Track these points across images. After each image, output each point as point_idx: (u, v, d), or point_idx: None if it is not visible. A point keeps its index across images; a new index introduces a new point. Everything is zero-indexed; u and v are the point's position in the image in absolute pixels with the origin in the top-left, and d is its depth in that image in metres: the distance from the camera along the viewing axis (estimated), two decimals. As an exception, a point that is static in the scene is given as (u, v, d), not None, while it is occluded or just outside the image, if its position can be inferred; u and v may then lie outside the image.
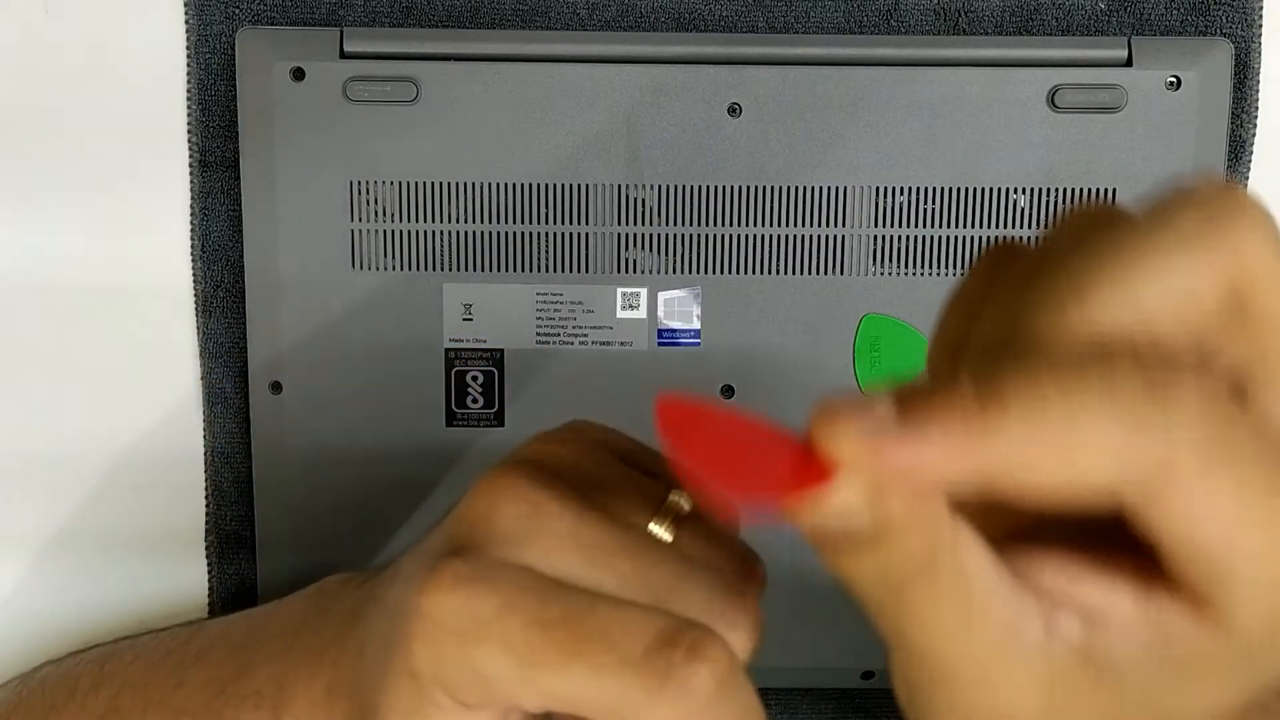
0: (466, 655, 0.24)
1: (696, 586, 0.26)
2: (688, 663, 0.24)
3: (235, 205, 0.43)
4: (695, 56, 0.41)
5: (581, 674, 0.23)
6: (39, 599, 0.46)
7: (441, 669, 0.25)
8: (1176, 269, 0.20)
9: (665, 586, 0.26)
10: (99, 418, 0.45)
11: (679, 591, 0.26)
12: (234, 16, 0.42)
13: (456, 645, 0.24)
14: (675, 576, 0.26)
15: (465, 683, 0.25)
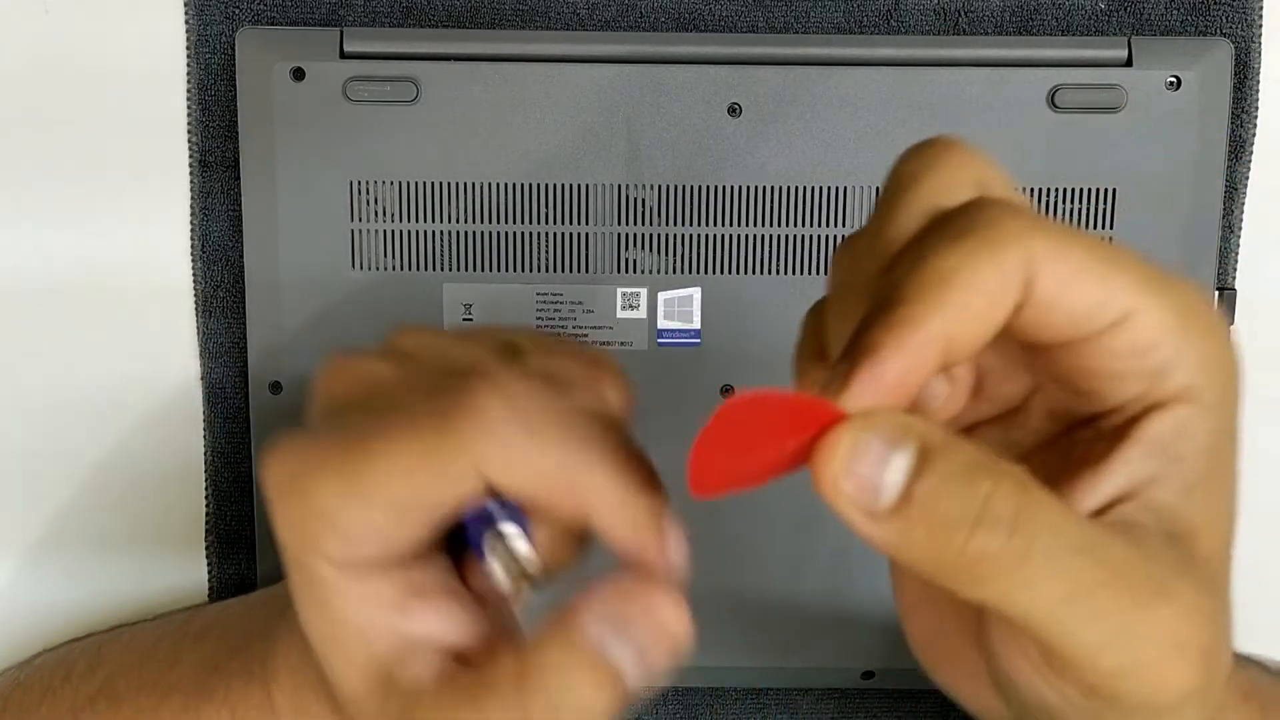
0: (306, 499, 0.25)
1: (518, 369, 0.27)
2: (466, 387, 0.24)
3: (235, 205, 0.43)
4: (695, 56, 0.41)
5: (387, 448, 0.24)
6: (39, 598, 0.46)
7: (299, 530, 0.25)
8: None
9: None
10: (99, 418, 0.45)
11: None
12: (234, 16, 0.42)
13: (295, 496, 0.25)
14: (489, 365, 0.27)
15: (321, 528, 0.25)
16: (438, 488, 0.24)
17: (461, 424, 0.24)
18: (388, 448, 0.24)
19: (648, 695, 0.26)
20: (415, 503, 0.25)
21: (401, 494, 0.24)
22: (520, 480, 0.24)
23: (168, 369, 0.44)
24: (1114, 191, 0.42)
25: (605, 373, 0.29)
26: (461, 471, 0.24)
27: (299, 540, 0.25)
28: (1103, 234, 0.42)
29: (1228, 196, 0.43)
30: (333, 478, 0.24)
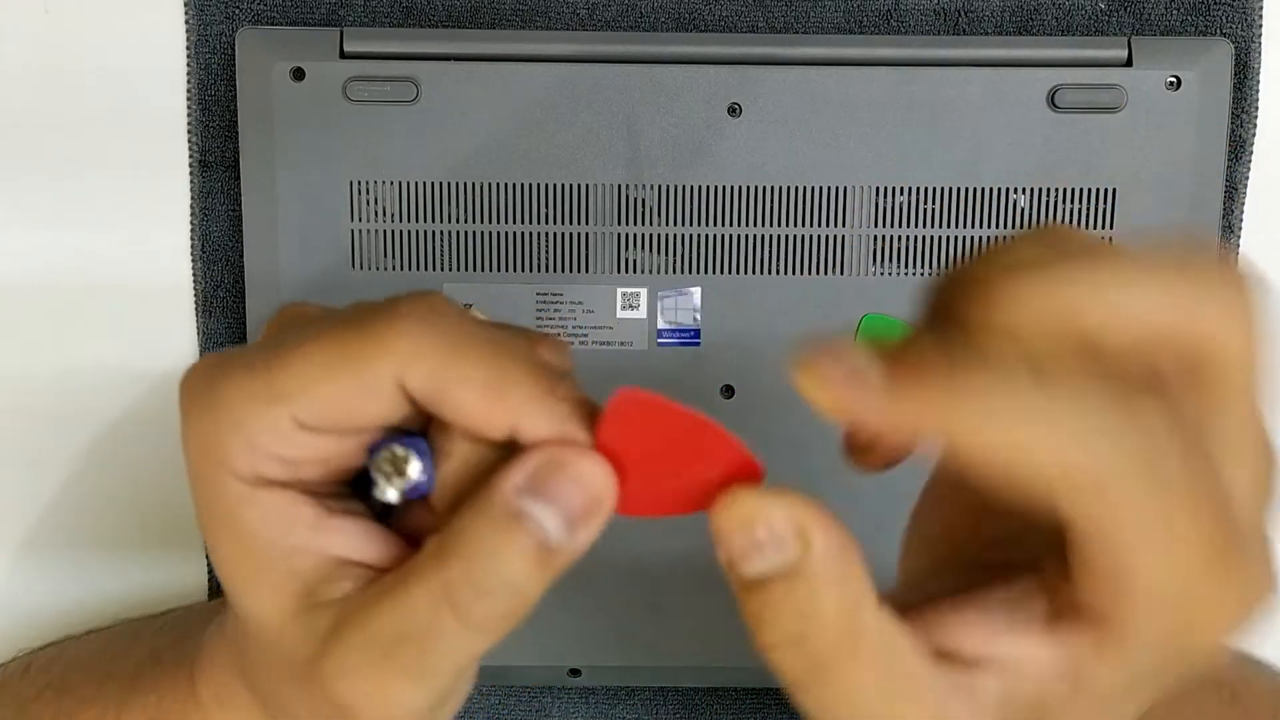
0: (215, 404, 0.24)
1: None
2: (392, 303, 0.24)
3: (235, 205, 0.43)
4: (695, 56, 0.41)
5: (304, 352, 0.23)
6: (39, 598, 0.46)
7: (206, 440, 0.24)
8: (1144, 298, 0.21)
9: None
10: (99, 417, 0.45)
11: None
12: (234, 16, 0.42)
13: (205, 402, 0.24)
14: None
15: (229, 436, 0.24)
16: (353, 396, 0.23)
17: (382, 329, 0.23)
18: (304, 351, 0.23)
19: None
20: (330, 411, 0.24)
21: (316, 400, 0.23)
22: (440, 387, 0.23)
23: (168, 369, 0.44)
24: (1114, 191, 0.42)
25: (545, 339, 0.28)
26: (379, 376, 0.23)
27: (205, 454, 0.24)
28: (1103, 234, 0.42)
29: (1228, 196, 0.43)
30: (244, 382, 0.24)
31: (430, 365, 0.23)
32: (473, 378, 0.23)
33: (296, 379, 0.23)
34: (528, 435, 0.24)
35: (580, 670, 0.45)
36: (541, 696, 0.46)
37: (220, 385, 0.24)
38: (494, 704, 0.46)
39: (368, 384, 0.23)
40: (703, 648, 0.45)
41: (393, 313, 0.23)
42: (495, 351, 0.24)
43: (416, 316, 0.23)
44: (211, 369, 0.24)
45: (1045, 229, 0.23)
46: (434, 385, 0.23)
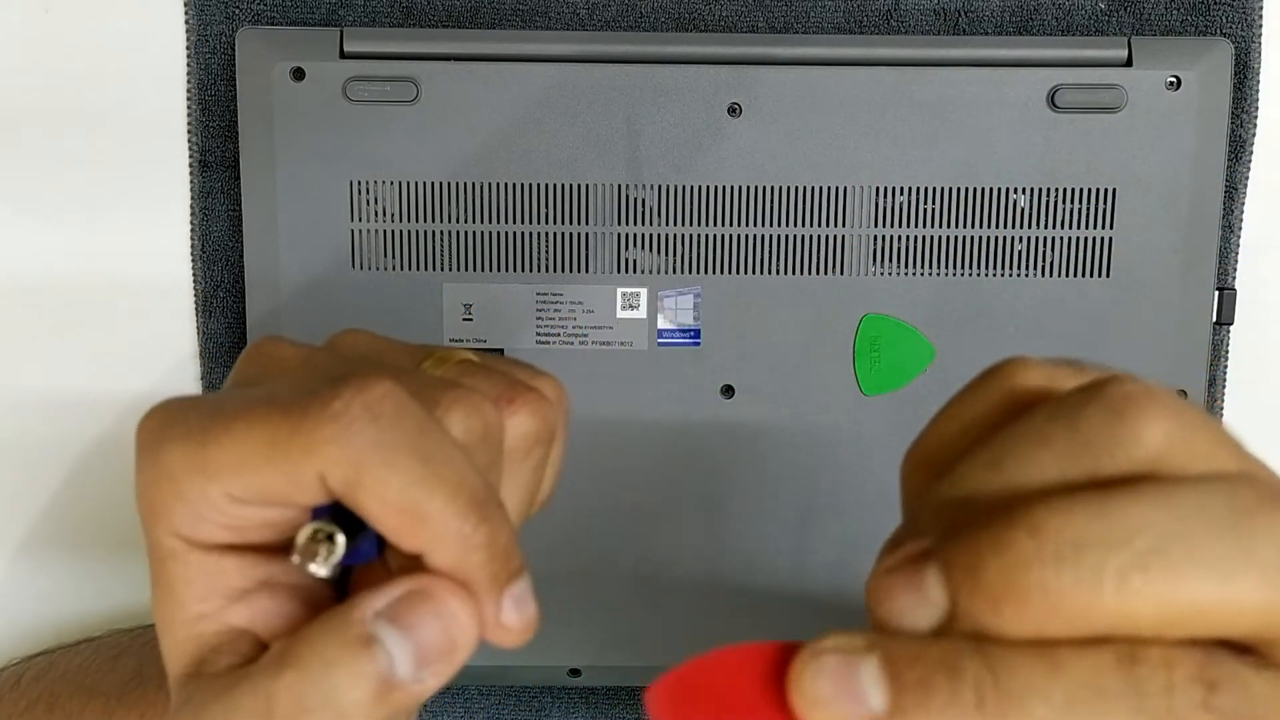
0: (159, 463, 0.23)
1: (419, 376, 0.25)
2: (331, 391, 0.22)
3: (235, 205, 0.43)
4: (695, 56, 0.41)
5: (239, 432, 0.22)
6: (38, 599, 0.46)
7: (149, 493, 0.23)
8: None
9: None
10: (99, 418, 0.45)
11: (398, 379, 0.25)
12: (234, 16, 0.42)
13: (151, 457, 0.23)
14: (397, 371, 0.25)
15: (168, 496, 0.23)
16: (278, 483, 0.23)
17: (312, 424, 0.22)
18: (242, 430, 0.22)
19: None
20: (257, 492, 0.23)
21: (243, 480, 0.23)
22: (359, 498, 0.22)
23: (168, 369, 0.44)
24: (1114, 191, 0.42)
25: (521, 393, 0.27)
26: (302, 472, 0.22)
27: (149, 507, 0.24)
28: (1102, 234, 0.42)
29: (1228, 196, 0.43)
30: (184, 445, 0.23)
31: (348, 475, 0.22)
32: (389, 499, 0.22)
33: (226, 459, 0.23)
34: (436, 569, 0.23)
35: (580, 670, 0.45)
36: (541, 696, 0.46)
37: (165, 447, 0.23)
38: (494, 704, 0.46)
39: (291, 476, 0.22)
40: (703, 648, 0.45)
41: (326, 408, 0.22)
42: (423, 473, 0.22)
43: (349, 418, 0.22)
44: (162, 424, 0.24)
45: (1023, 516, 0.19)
46: (351, 494, 0.22)
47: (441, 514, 0.22)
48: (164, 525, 0.24)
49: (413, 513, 0.22)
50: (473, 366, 0.27)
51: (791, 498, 0.43)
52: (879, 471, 0.43)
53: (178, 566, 0.24)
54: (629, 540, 0.44)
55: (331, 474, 0.22)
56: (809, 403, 0.43)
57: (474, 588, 0.23)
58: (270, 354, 0.26)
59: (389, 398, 0.23)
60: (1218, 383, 0.45)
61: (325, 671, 0.22)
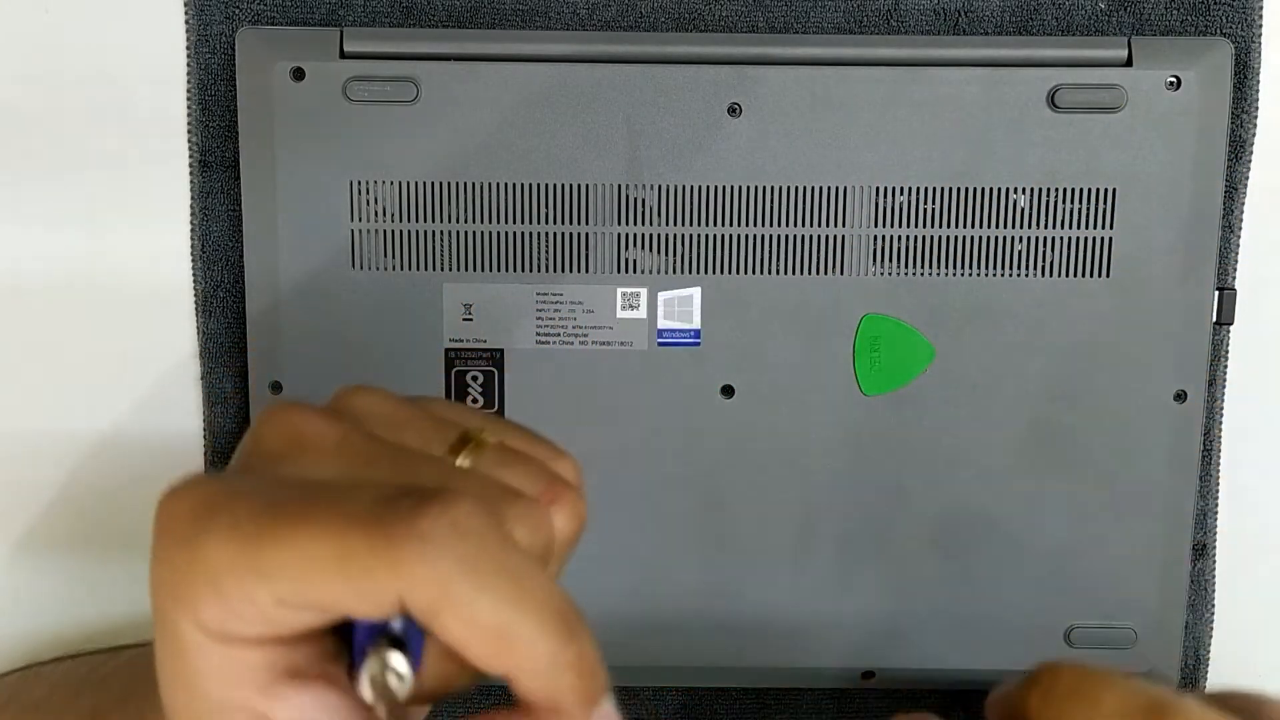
0: (195, 555, 0.22)
1: (475, 478, 0.24)
2: (415, 508, 0.21)
3: (235, 205, 0.43)
4: (695, 56, 0.41)
5: (304, 539, 0.21)
6: (38, 599, 0.46)
7: (177, 583, 0.22)
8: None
9: (435, 482, 0.23)
10: (99, 418, 0.45)
11: (451, 481, 0.24)
12: (234, 16, 0.42)
13: (185, 547, 0.22)
14: (449, 473, 0.24)
15: (202, 590, 0.22)
16: (349, 599, 0.21)
17: (398, 542, 0.21)
18: (308, 538, 0.21)
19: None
20: (314, 601, 0.22)
21: (305, 590, 0.21)
22: (445, 620, 0.22)
23: (168, 369, 0.44)
24: (1114, 191, 0.42)
25: (565, 493, 0.26)
26: (383, 593, 0.21)
27: (173, 595, 0.22)
28: (1102, 234, 0.42)
29: (1228, 196, 0.43)
30: (230, 548, 0.22)
31: (435, 597, 0.21)
32: (479, 621, 0.21)
33: (288, 567, 0.21)
34: (523, 691, 0.22)
35: (580, 670, 0.45)
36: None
37: (204, 541, 0.22)
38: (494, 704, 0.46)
39: (365, 594, 0.21)
40: (703, 648, 0.45)
41: (412, 528, 0.21)
42: (513, 594, 0.22)
43: (437, 538, 0.21)
44: (198, 514, 0.22)
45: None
46: (437, 617, 0.22)
47: (532, 635, 0.22)
48: (189, 616, 0.22)
49: (503, 635, 0.22)
50: (508, 456, 0.26)
51: (791, 498, 0.43)
52: (879, 471, 0.43)
53: (200, 659, 0.23)
54: (628, 540, 0.44)
55: (416, 595, 0.21)
56: (809, 403, 0.43)
57: (564, 709, 0.22)
58: (296, 430, 0.24)
59: (474, 516, 0.22)
60: (1218, 383, 0.45)
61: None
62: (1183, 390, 0.43)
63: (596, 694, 0.23)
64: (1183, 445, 0.43)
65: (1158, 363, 0.43)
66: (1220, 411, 0.45)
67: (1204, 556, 0.46)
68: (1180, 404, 0.43)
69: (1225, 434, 0.45)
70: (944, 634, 0.43)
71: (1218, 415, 0.45)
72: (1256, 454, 0.46)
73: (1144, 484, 0.43)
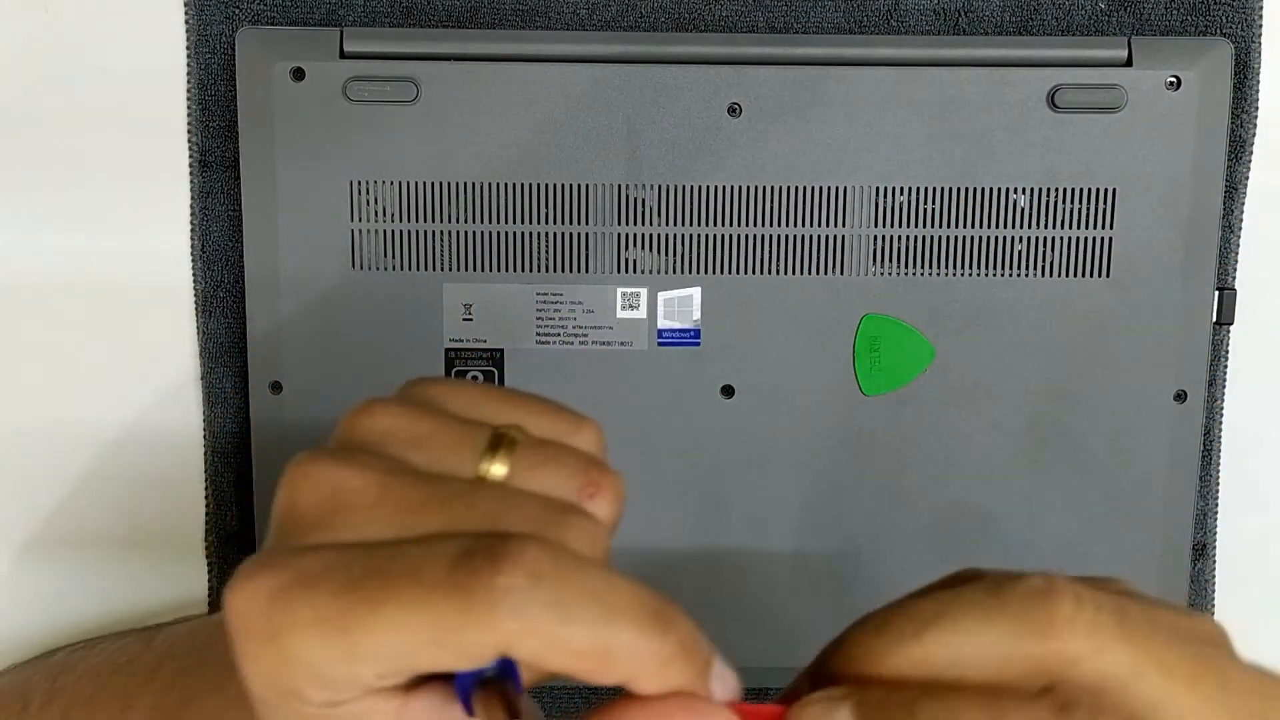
0: (285, 652, 0.22)
1: (523, 504, 0.25)
2: (490, 565, 0.22)
3: (235, 205, 0.43)
4: (695, 56, 0.41)
5: (395, 619, 0.22)
6: (38, 599, 0.46)
7: (274, 678, 0.23)
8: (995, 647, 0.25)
9: (488, 518, 0.24)
10: (99, 418, 0.45)
11: (503, 516, 0.24)
12: (234, 16, 0.42)
13: (272, 645, 0.22)
14: (497, 505, 0.25)
15: (303, 681, 0.22)
16: (446, 660, 0.22)
17: (484, 605, 0.22)
18: (397, 616, 0.22)
19: None
20: (415, 669, 0.22)
21: (405, 664, 0.22)
22: (550, 660, 0.22)
23: (168, 369, 0.44)
24: (1114, 191, 0.42)
25: (602, 480, 0.26)
26: (481, 650, 0.22)
27: (275, 689, 0.23)
28: (1102, 234, 0.42)
29: (1228, 196, 0.43)
30: (322, 635, 0.22)
31: (534, 643, 0.22)
32: (580, 649, 0.22)
33: (382, 648, 0.22)
34: (642, 691, 0.23)
35: (580, 670, 0.45)
36: (541, 697, 0.46)
37: (292, 637, 0.22)
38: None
39: (463, 655, 0.22)
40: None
41: (493, 588, 0.22)
42: (602, 613, 0.22)
43: (519, 591, 0.22)
44: (276, 608, 0.22)
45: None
46: (538, 659, 0.22)
47: (632, 642, 0.23)
48: (295, 700, 0.23)
49: (604, 654, 0.22)
50: (540, 453, 0.26)
51: (791, 498, 0.43)
52: (879, 471, 0.43)
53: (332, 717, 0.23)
54: (628, 540, 0.44)
55: (515, 648, 0.22)
56: (809, 403, 0.43)
57: (686, 689, 0.24)
58: (333, 490, 0.24)
59: (545, 557, 0.22)
60: (1218, 383, 0.45)
61: None
62: (1183, 390, 0.43)
63: (705, 664, 0.24)
64: (1183, 445, 0.43)
65: (1158, 363, 0.43)
66: (1220, 411, 0.45)
67: (1204, 556, 0.46)
68: (1180, 404, 0.43)
69: (1225, 434, 0.45)
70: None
71: (1218, 415, 0.45)
72: (1256, 454, 0.46)
73: (1144, 484, 0.43)
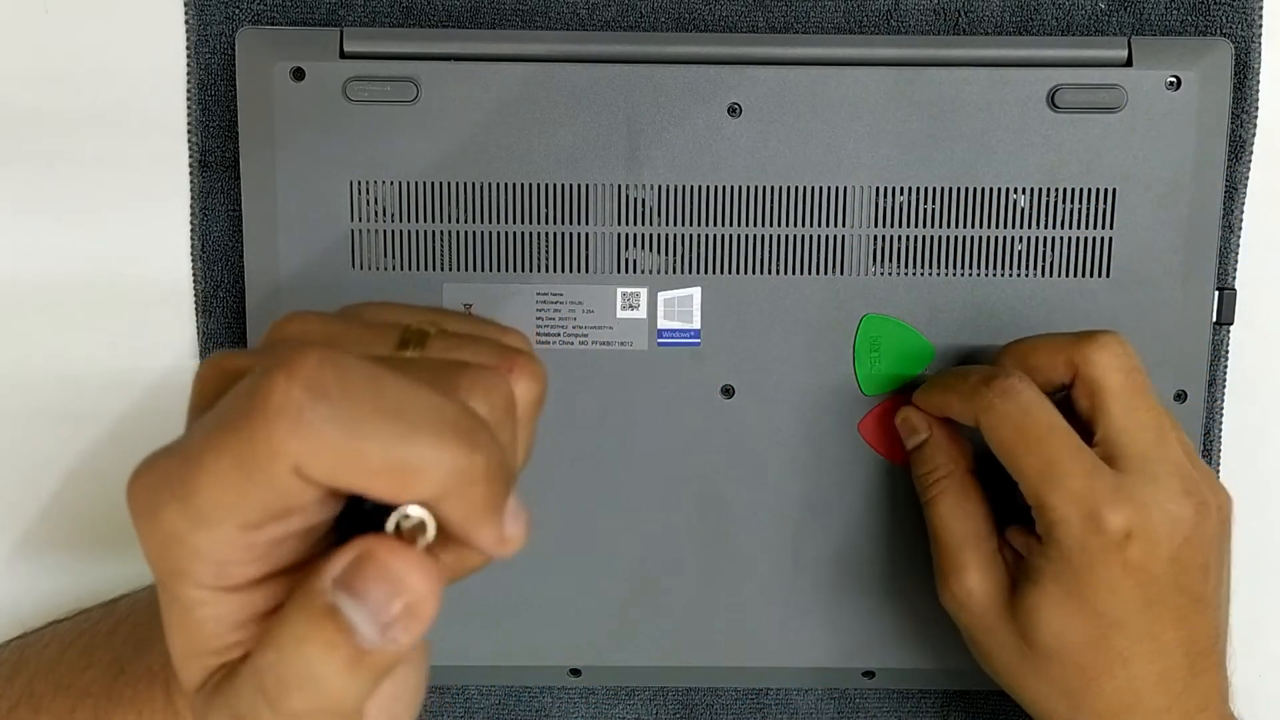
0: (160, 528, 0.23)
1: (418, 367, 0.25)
2: (266, 384, 0.21)
3: (235, 205, 0.43)
4: (695, 56, 0.41)
5: (211, 470, 0.22)
6: (38, 599, 0.46)
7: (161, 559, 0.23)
8: (1047, 362, 0.39)
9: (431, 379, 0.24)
10: (99, 417, 0.45)
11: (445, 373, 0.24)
12: (234, 16, 0.42)
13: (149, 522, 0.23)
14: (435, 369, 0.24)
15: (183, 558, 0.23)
16: (267, 497, 0.22)
17: (263, 426, 0.21)
18: (209, 463, 0.22)
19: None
20: (257, 515, 0.22)
21: (237, 510, 0.22)
22: (347, 479, 0.21)
23: (168, 369, 0.44)
24: (1114, 191, 0.42)
25: (514, 357, 0.26)
26: (279, 478, 0.21)
27: (167, 568, 0.23)
28: (1102, 234, 0.42)
29: (1228, 196, 0.43)
30: (175, 504, 0.22)
31: (326, 462, 0.21)
32: (376, 467, 0.21)
33: (212, 499, 0.22)
34: (442, 514, 0.23)
35: (580, 670, 0.45)
36: (541, 697, 0.46)
37: (160, 512, 0.22)
38: (494, 704, 0.46)
39: (270, 483, 0.22)
40: (703, 648, 0.45)
41: (268, 405, 0.21)
42: (400, 428, 0.22)
43: (295, 405, 0.21)
44: (149, 487, 0.23)
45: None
46: (339, 479, 0.22)
47: (435, 460, 0.22)
48: (190, 582, 0.23)
49: (404, 469, 0.22)
50: (455, 340, 0.27)
51: (791, 498, 0.43)
52: (879, 471, 0.43)
53: (207, 610, 0.23)
54: (629, 540, 0.44)
55: (310, 468, 0.21)
56: (809, 403, 0.43)
57: (478, 518, 0.23)
58: (220, 371, 0.25)
59: (326, 366, 0.22)
60: (1218, 383, 0.45)
61: (298, 648, 0.22)
62: (1183, 390, 0.43)
63: (504, 496, 0.23)
64: (1183, 445, 0.43)
65: (1158, 363, 0.42)
66: (1220, 411, 0.45)
67: (1204, 556, 0.46)
68: (1180, 404, 0.43)
69: (1225, 434, 0.45)
70: (944, 634, 0.43)
71: (1218, 415, 0.45)
72: (1256, 454, 0.46)
73: (1144, 484, 0.43)
